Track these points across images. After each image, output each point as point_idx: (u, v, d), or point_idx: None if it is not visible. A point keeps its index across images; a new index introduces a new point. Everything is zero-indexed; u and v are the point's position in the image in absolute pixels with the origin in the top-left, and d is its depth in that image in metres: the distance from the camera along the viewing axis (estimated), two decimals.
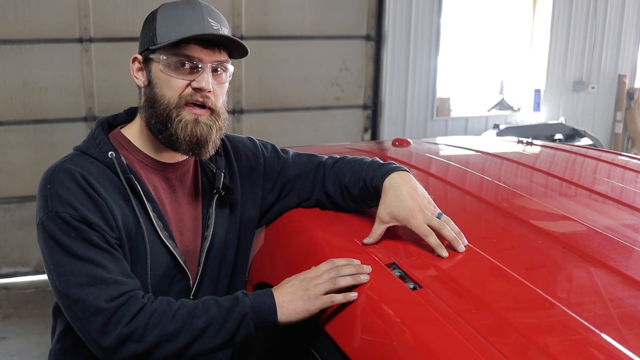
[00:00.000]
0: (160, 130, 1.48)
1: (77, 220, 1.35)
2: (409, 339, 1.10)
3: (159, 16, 1.47)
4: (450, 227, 1.40)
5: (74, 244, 1.34)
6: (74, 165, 1.43)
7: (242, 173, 1.68)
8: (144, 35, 1.50)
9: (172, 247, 1.51)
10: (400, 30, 5.95)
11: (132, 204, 1.45)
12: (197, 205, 1.61)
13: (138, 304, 1.32)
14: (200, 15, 1.45)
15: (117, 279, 1.34)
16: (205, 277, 1.59)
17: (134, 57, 1.53)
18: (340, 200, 1.65)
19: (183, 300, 1.36)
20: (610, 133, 7.27)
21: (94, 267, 1.33)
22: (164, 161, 1.56)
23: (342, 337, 1.25)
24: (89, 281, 1.32)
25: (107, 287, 1.32)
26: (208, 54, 1.46)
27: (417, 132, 6.23)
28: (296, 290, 1.33)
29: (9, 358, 3.98)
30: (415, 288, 1.22)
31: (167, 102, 1.46)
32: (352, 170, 1.64)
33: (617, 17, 6.88)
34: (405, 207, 1.43)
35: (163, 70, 1.46)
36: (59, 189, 1.38)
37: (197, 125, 1.47)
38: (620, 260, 1.33)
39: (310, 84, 5.74)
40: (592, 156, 2.37)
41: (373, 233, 1.45)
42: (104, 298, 1.30)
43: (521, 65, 6.91)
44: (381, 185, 1.51)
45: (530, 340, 1.04)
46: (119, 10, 5.03)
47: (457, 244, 1.38)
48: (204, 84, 1.45)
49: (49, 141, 5.05)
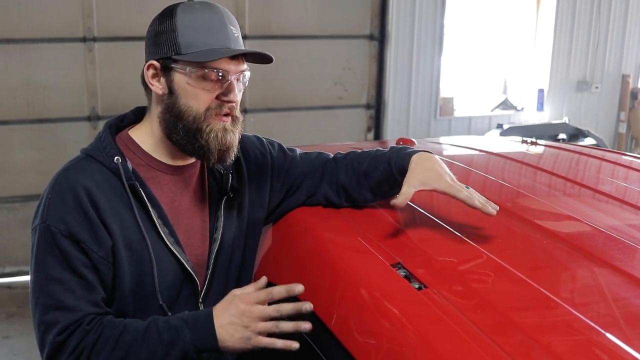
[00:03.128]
0: (190, 142, 1.47)
1: (65, 236, 1.39)
2: (415, 339, 1.10)
3: (179, 22, 1.43)
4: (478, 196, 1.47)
5: (54, 263, 1.39)
6: (80, 173, 1.44)
7: (250, 173, 1.67)
8: (161, 41, 1.45)
9: (179, 253, 1.50)
10: (404, 29, 5.95)
11: (135, 213, 1.45)
12: (204, 208, 1.60)
13: (82, 334, 1.37)
14: (223, 25, 1.44)
15: (80, 307, 1.38)
16: (214, 279, 1.58)
17: (150, 63, 1.47)
18: (356, 188, 1.65)
19: (129, 324, 1.40)
20: (614, 133, 7.26)
21: (62, 291, 1.38)
22: (173, 164, 1.55)
23: (347, 337, 1.25)
24: (54, 304, 1.38)
25: (66, 314, 1.37)
26: (235, 65, 1.45)
27: (421, 132, 6.22)
28: (236, 327, 1.37)
29: (12, 357, 3.99)
30: (420, 288, 1.22)
31: (194, 114, 1.45)
32: (368, 158, 1.65)
33: (621, 17, 6.87)
34: (435, 172, 1.49)
35: (190, 83, 1.44)
36: (56, 201, 1.41)
37: (227, 133, 1.48)
38: (624, 260, 1.33)
39: (313, 84, 5.74)
40: (596, 156, 2.36)
41: (402, 195, 1.46)
42: (55, 331, 1.36)
43: (525, 65, 6.90)
44: (407, 163, 1.53)
45: (535, 340, 1.04)
46: (123, 9, 5.04)
47: (488, 206, 1.45)
48: (232, 97, 1.46)
49: (52, 140, 5.06)
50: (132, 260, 1.45)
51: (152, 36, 1.48)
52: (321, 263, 1.46)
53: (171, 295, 1.51)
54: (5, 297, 4.88)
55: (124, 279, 1.44)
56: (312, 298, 1.42)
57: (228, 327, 1.37)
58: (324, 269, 1.44)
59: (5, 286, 5.06)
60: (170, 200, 1.54)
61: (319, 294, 1.41)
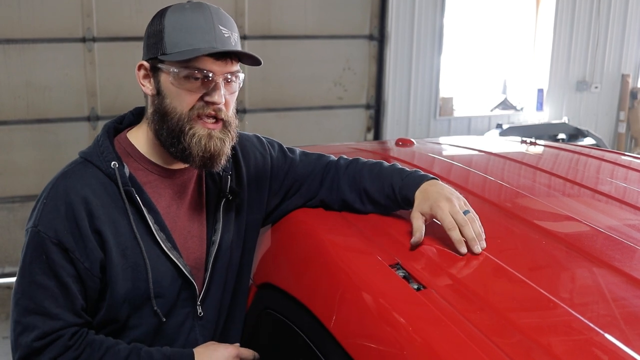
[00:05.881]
0: (173, 144, 1.45)
1: (53, 243, 1.39)
2: (414, 340, 1.11)
3: (167, 23, 1.42)
4: (473, 227, 1.39)
5: (39, 269, 1.39)
6: (76, 180, 1.44)
7: (249, 174, 1.66)
8: (151, 42, 1.45)
9: (176, 258, 1.50)
10: (404, 30, 5.95)
11: (130, 219, 1.44)
12: (202, 211, 1.59)
13: (62, 347, 1.38)
14: (211, 24, 1.41)
15: (61, 314, 1.39)
16: (213, 282, 1.58)
17: (140, 64, 1.47)
18: (360, 205, 1.63)
19: (111, 348, 1.42)
20: (614, 133, 7.27)
21: (45, 297, 1.38)
22: (171, 168, 1.54)
23: (346, 338, 1.26)
24: (34, 308, 1.38)
25: (46, 320, 1.37)
26: (220, 66, 1.42)
27: (420, 132, 6.23)
28: None
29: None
30: (419, 289, 1.22)
31: (178, 115, 1.43)
32: (371, 174, 1.63)
33: (620, 17, 6.87)
34: (432, 199, 1.43)
35: (174, 83, 1.42)
36: (50, 208, 1.41)
37: (211, 140, 1.44)
38: (624, 260, 1.33)
39: (313, 84, 5.74)
40: (596, 156, 2.36)
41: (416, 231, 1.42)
42: (34, 336, 1.37)
43: (524, 65, 6.91)
44: (413, 195, 1.50)
45: (534, 341, 1.04)
46: (122, 10, 5.04)
47: (474, 244, 1.36)
48: (216, 98, 1.42)
49: (52, 141, 5.07)
50: (126, 267, 1.44)
51: (145, 38, 1.48)
52: (320, 263, 1.46)
53: (169, 299, 1.50)
54: (5, 297, 4.88)
55: (118, 286, 1.44)
56: (311, 299, 1.42)
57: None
58: (322, 270, 1.44)
59: (5, 286, 5.06)
60: (167, 205, 1.53)
61: (317, 294, 1.41)
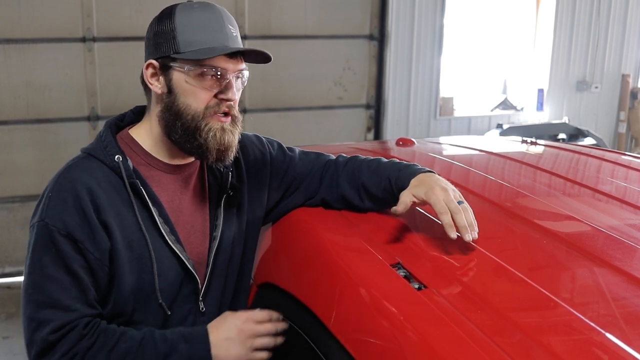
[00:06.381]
0: (188, 140, 1.48)
1: (62, 235, 1.38)
2: (414, 339, 1.10)
3: (178, 22, 1.45)
4: (466, 216, 1.39)
5: (50, 262, 1.39)
6: (81, 172, 1.45)
7: (249, 171, 1.68)
8: (160, 41, 1.47)
9: (180, 251, 1.51)
10: (404, 29, 5.95)
11: (135, 211, 1.45)
12: (204, 206, 1.61)
13: (76, 337, 1.37)
14: (221, 23, 1.46)
15: (74, 306, 1.39)
16: (214, 278, 1.59)
17: (149, 62, 1.49)
18: (358, 201, 1.64)
19: (124, 333, 1.42)
20: (614, 133, 7.26)
21: (58, 289, 1.38)
22: (173, 163, 1.56)
23: (347, 337, 1.25)
24: (48, 302, 1.38)
25: (60, 313, 1.38)
26: (233, 64, 1.46)
27: (420, 132, 6.22)
28: (233, 342, 1.45)
29: (12, 357, 3.99)
30: (420, 288, 1.22)
31: (193, 113, 1.46)
32: (369, 169, 1.64)
33: (621, 17, 6.87)
34: (428, 186, 1.44)
35: (188, 81, 1.45)
36: (56, 200, 1.41)
37: (225, 133, 1.48)
38: (624, 259, 1.33)
39: (313, 84, 5.74)
40: (596, 156, 2.36)
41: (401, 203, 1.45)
42: (49, 329, 1.37)
43: (524, 65, 6.90)
44: (408, 183, 1.52)
45: (535, 340, 1.04)
46: (122, 9, 5.04)
47: (465, 232, 1.36)
48: (230, 95, 1.47)
49: (52, 140, 5.06)
50: (132, 259, 1.45)
51: (151, 37, 1.50)
52: (321, 263, 1.46)
53: (171, 293, 1.51)
54: (5, 297, 4.88)
55: (124, 278, 1.45)
56: (312, 298, 1.42)
57: (224, 343, 1.44)
58: (323, 269, 1.44)
59: (5, 286, 5.06)
60: (170, 199, 1.54)
61: (318, 294, 1.41)
